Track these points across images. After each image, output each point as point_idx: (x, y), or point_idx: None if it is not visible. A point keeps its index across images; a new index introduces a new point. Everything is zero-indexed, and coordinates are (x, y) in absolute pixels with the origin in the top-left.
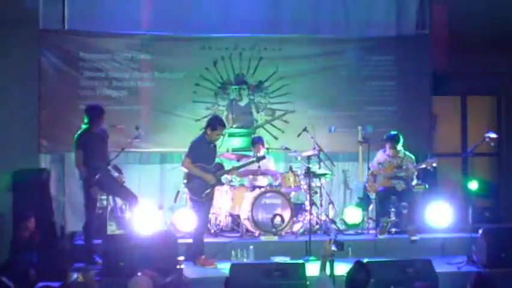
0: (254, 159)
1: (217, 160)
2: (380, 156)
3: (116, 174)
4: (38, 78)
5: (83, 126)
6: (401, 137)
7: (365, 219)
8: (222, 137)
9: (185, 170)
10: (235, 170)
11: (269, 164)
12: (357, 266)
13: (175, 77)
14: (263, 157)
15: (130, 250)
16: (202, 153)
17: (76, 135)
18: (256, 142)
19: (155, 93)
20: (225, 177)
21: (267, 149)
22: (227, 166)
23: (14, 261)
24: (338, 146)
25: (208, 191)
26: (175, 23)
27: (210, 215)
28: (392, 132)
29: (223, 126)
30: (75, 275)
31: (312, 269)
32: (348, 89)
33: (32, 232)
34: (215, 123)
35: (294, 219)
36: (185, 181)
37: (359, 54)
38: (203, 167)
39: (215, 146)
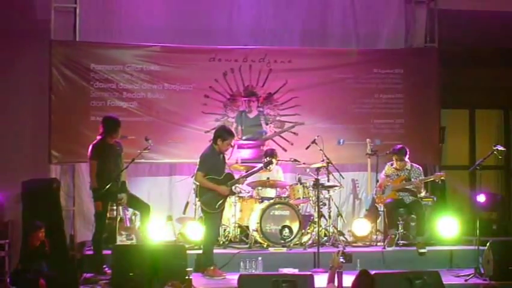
0: (262, 165)
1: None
2: (387, 169)
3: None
4: (49, 88)
5: (98, 137)
6: (407, 150)
7: (373, 231)
8: (231, 147)
9: (198, 184)
10: (245, 177)
11: (277, 175)
12: (362, 273)
13: (184, 89)
14: (270, 162)
15: (140, 261)
16: (212, 165)
17: (91, 145)
18: (269, 155)
19: (165, 104)
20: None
21: (278, 160)
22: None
23: (24, 271)
24: (346, 159)
25: (220, 202)
26: (185, 35)
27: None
28: (398, 145)
29: (233, 135)
30: None
31: (320, 280)
32: (356, 102)
33: (42, 242)
34: (225, 134)
35: (303, 231)
36: (197, 195)
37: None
38: (215, 180)
39: (224, 156)
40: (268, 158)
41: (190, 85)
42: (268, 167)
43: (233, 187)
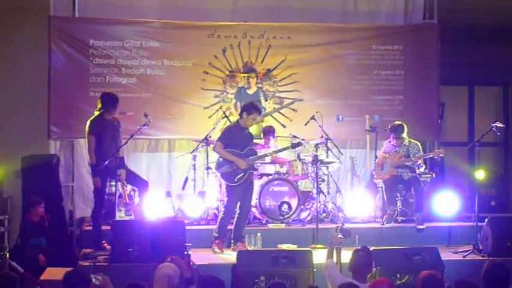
0: (289, 145)
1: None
2: (386, 146)
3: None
4: (48, 65)
5: (96, 113)
6: (404, 126)
7: (372, 207)
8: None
9: (216, 154)
10: (270, 154)
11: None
12: (360, 249)
13: (183, 65)
14: (299, 144)
15: (139, 236)
16: (234, 138)
17: (89, 121)
18: (267, 133)
19: (164, 80)
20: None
21: (276, 137)
22: None
23: (23, 247)
24: (345, 135)
25: (240, 175)
26: (184, 11)
27: (218, 203)
28: (396, 122)
29: (259, 111)
30: (93, 279)
31: (319, 256)
32: (356, 78)
33: (42, 218)
34: (251, 108)
35: (302, 207)
36: (216, 166)
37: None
38: (233, 152)
39: (250, 132)
40: (270, 138)
41: (189, 61)
42: (296, 148)
43: (254, 163)
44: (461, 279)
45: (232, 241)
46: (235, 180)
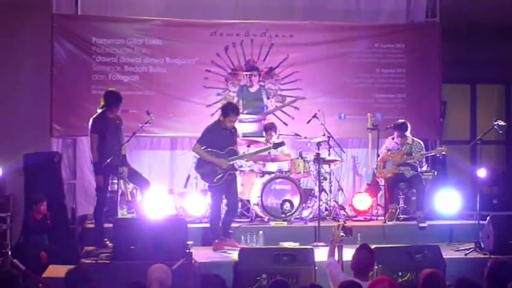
0: (271, 145)
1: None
2: (388, 143)
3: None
4: (51, 62)
5: (99, 111)
6: (408, 124)
7: (374, 205)
8: (233, 124)
9: (196, 155)
10: (249, 155)
11: (284, 149)
12: (362, 247)
13: (186, 63)
14: (281, 143)
15: (141, 234)
16: (214, 138)
17: (91, 119)
18: (269, 128)
19: (167, 78)
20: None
21: (279, 135)
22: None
23: (25, 244)
24: (347, 133)
25: (219, 176)
26: (187, 9)
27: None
28: (400, 121)
29: (236, 113)
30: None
31: (321, 254)
32: (358, 76)
33: (44, 215)
34: (227, 110)
35: (304, 205)
36: (195, 166)
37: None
38: (213, 153)
39: (232, 132)
40: (272, 134)
41: (191, 59)
42: (277, 149)
43: (234, 163)
44: (462, 277)
45: (221, 237)
46: (215, 180)
